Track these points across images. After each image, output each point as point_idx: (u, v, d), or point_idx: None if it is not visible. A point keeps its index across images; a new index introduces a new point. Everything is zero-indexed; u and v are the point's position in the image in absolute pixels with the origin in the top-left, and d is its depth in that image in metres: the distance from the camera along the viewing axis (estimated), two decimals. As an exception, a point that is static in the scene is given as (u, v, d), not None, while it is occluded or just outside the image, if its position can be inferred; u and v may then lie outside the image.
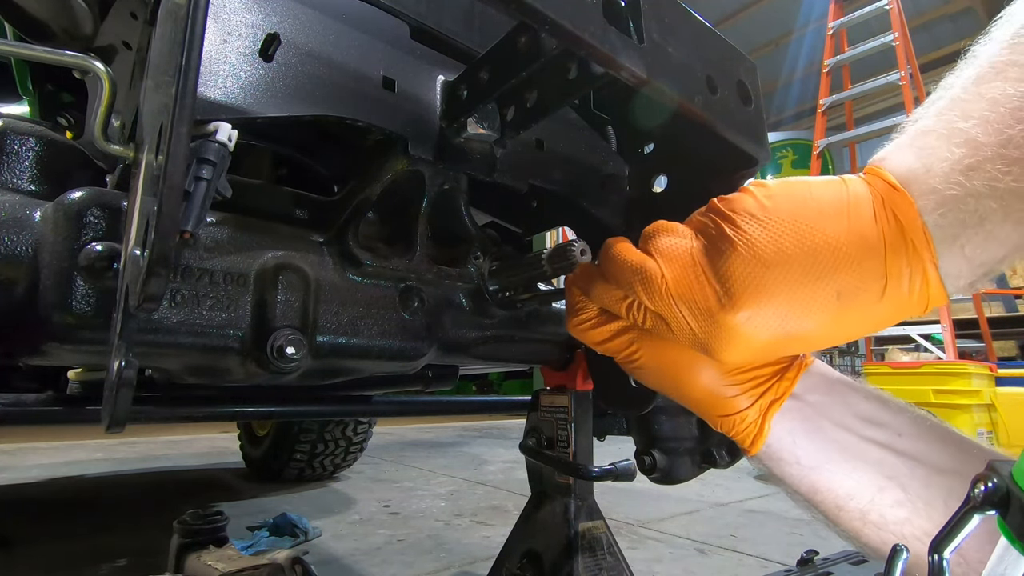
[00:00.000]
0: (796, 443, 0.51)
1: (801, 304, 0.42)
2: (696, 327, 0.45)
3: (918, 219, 0.41)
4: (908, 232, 0.41)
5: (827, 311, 0.43)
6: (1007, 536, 0.32)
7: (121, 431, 0.47)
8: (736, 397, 0.50)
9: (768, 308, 0.42)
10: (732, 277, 0.43)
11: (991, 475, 0.33)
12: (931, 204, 0.41)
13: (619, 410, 0.74)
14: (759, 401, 0.50)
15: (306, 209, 0.71)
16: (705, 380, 0.50)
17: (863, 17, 4.84)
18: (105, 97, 0.57)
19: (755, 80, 0.58)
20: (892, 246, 0.41)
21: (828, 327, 0.44)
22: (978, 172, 0.39)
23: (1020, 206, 0.39)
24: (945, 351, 3.79)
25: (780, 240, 0.42)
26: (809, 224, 0.42)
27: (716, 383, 0.50)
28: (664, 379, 0.52)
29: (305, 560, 1.04)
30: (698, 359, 0.50)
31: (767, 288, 0.42)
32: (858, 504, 0.48)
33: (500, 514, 2.41)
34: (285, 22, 0.59)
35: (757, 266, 0.42)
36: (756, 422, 0.50)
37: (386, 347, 0.70)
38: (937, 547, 0.35)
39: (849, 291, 0.42)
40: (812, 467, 0.50)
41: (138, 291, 0.41)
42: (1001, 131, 0.38)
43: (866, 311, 0.43)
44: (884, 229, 0.41)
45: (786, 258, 0.42)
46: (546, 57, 0.55)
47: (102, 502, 2.71)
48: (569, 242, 0.68)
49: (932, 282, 0.42)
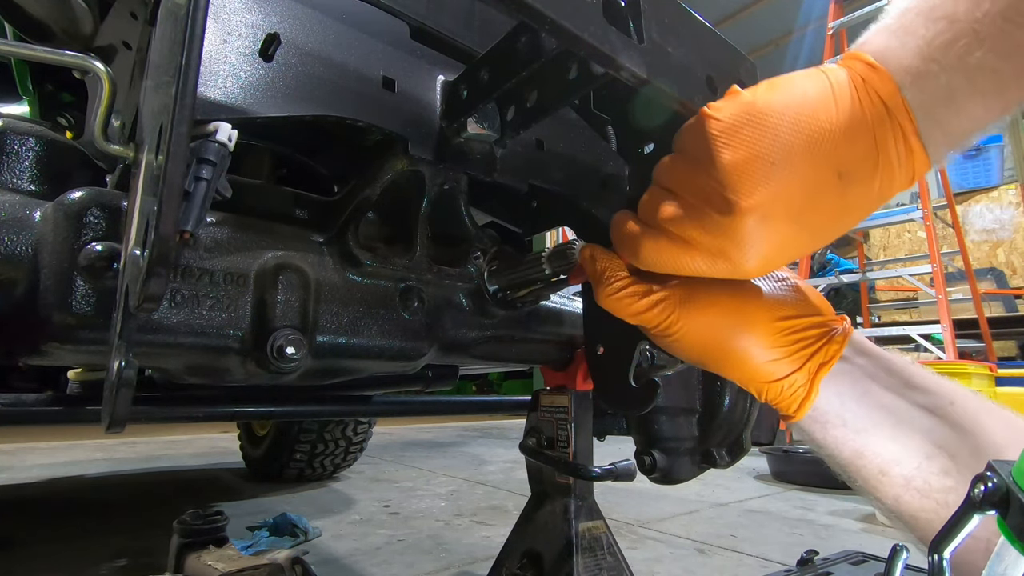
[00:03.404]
0: (844, 406, 0.50)
1: (806, 187, 0.43)
2: (709, 230, 0.45)
3: (897, 94, 0.42)
4: (890, 106, 0.42)
5: (831, 192, 0.43)
6: (1007, 536, 0.32)
7: (121, 431, 0.47)
8: (782, 361, 0.50)
9: (774, 195, 0.43)
10: (733, 171, 0.43)
11: (991, 475, 0.33)
12: (908, 80, 0.42)
13: (619, 410, 0.74)
14: (807, 364, 0.50)
15: (306, 209, 0.71)
16: (749, 346, 0.50)
17: (863, 17, 4.84)
18: (105, 97, 0.57)
19: (755, 80, 0.58)
20: (878, 121, 0.42)
21: (835, 210, 0.44)
22: (951, 48, 0.40)
23: (985, 83, 0.40)
24: (945, 351, 3.79)
25: (776, 129, 0.43)
26: (799, 110, 0.43)
27: (760, 349, 0.50)
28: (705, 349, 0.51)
29: (305, 560, 1.04)
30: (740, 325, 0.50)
31: (770, 176, 0.43)
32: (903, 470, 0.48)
33: (500, 514, 2.41)
34: (285, 22, 0.59)
35: (755, 157, 0.43)
36: (805, 386, 0.50)
37: (386, 347, 0.70)
38: (937, 547, 0.35)
39: (848, 169, 0.43)
40: (859, 430, 0.50)
41: (138, 291, 0.41)
42: (978, 5, 0.39)
43: (864, 189, 0.44)
44: (867, 106, 0.42)
45: (783, 145, 0.43)
46: (546, 57, 0.56)
47: (102, 502, 2.71)
48: (569, 242, 0.68)
49: (916, 151, 0.43)
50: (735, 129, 0.44)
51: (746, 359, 0.50)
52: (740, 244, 0.45)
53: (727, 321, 0.50)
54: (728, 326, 0.50)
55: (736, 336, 0.50)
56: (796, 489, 2.96)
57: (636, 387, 0.67)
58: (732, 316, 0.50)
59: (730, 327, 0.50)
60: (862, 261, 5.11)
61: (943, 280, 3.92)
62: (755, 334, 0.50)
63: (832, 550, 1.71)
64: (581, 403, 0.97)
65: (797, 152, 0.43)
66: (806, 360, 0.50)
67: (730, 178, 0.43)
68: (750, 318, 0.50)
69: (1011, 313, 5.84)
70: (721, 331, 0.50)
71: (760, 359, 0.50)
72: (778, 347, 0.50)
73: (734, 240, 0.44)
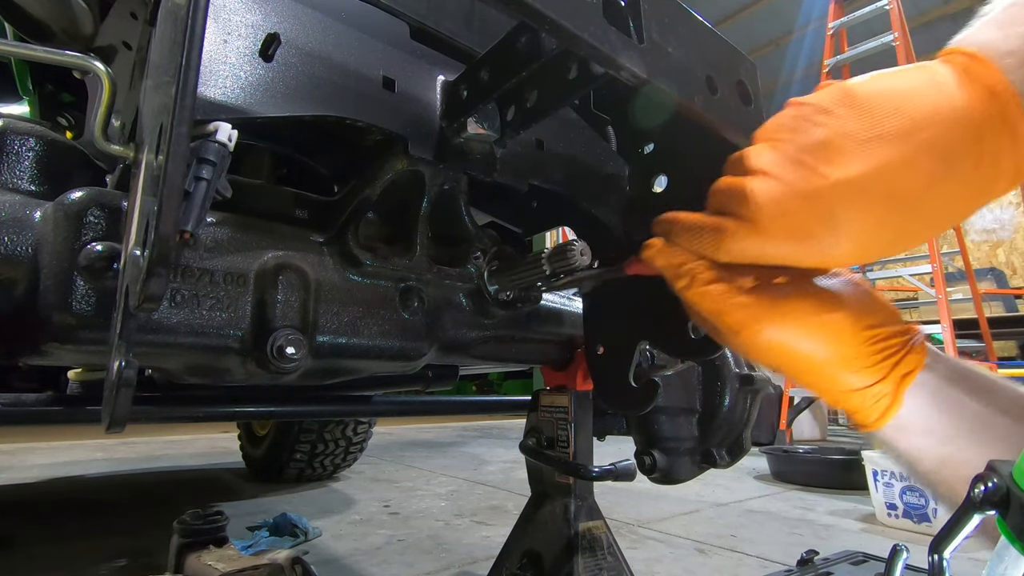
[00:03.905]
0: (927, 414, 0.48)
1: (903, 171, 0.41)
2: (803, 212, 0.43)
3: (1003, 79, 0.41)
4: (995, 92, 0.41)
5: (930, 179, 0.41)
6: (1007, 536, 0.32)
7: (121, 431, 0.47)
8: (867, 370, 0.48)
9: (866, 174, 0.41)
10: (824, 147, 0.42)
11: (991, 475, 0.33)
12: (1013, 64, 0.40)
13: (619, 410, 0.74)
14: (892, 373, 0.48)
15: (306, 209, 0.71)
16: (833, 355, 0.48)
17: (863, 17, 4.84)
18: (105, 97, 0.57)
19: (755, 80, 0.59)
20: (981, 108, 0.41)
21: (934, 199, 0.42)
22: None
23: None
24: (945, 351, 3.79)
25: (871, 110, 0.41)
26: (897, 93, 0.42)
27: (845, 358, 0.48)
28: (786, 356, 0.49)
29: (305, 560, 1.04)
30: (826, 332, 0.48)
31: (863, 153, 0.41)
32: None
33: (500, 514, 2.41)
34: (285, 22, 0.59)
35: (847, 134, 0.42)
36: (889, 396, 0.48)
37: (386, 347, 0.70)
38: (937, 547, 0.35)
39: (948, 155, 0.41)
40: (944, 439, 0.48)
41: (138, 291, 0.41)
42: None
43: (967, 179, 0.42)
44: (970, 93, 0.41)
45: (879, 125, 0.41)
46: (546, 57, 0.55)
47: (102, 502, 2.71)
48: (569, 242, 0.68)
49: (1023, 138, 0.41)
50: (827, 110, 0.43)
51: (829, 368, 0.48)
52: (830, 223, 0.42)
53: (812, 328, 0.48)
54: (813, 333, 0.48)
55: (821, 344, 0.48)
56: (796, 489, 2.96)
57: (636, 387, 0.67)
58: (818, 323, 0.48)
59: (815, 334, 0.48)
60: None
61: (943, 280, 3.92)
62: (841, 343, 0.48)
63: (832, 550, 1.71)
64: (581, 403, 0.97)
65: (894, 133, 0.41)
66: (891, 369, 0.48)
67: (821, 154, 0.42)
68: (836, 326, 0.48)
69: (1011, 313, 5.84)
70: (806, 338, 0.48)
71: (844, 369, 0.48)
72: (863, 356, 0.48)
73: (823, 219, 0.42)
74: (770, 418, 4.28)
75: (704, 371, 0.86)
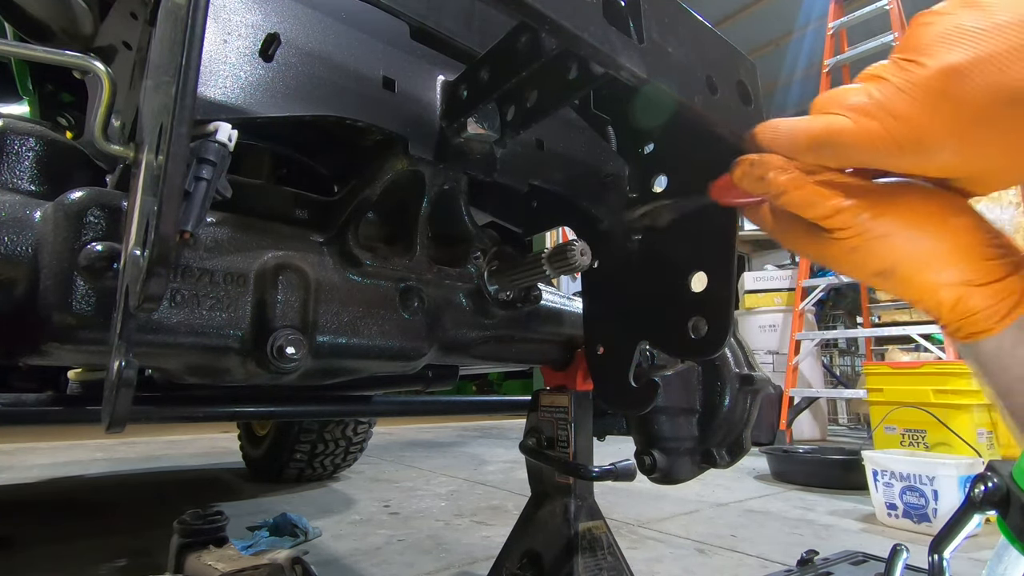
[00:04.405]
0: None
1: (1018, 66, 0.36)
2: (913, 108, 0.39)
3: None
4: None
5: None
6: (1007, 536, 0.32)
7: (121, 431, 0.47)
8: (993, 262, 0.44)
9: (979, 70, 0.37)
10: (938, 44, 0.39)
11: (991, 475, 0.33)
12: None
13: (619, 410, 0.74)
14: (1018, 274, 0.44)
15: (306, 209, 0.71)
16: (957, 246, 0.44)
17: (863, 17, 4.84)
18: (105, 97, 0.57)
19: (755, 80, 0.58)
20: None
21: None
22: None
23: None
24: (945, 351, 3.79)
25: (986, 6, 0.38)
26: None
27: (970, 247, 0.44)
28: (907, 250, 0.45)
29: (305, 560, 1.04)
30: (949, 223, 0.44)
31: (973, 43, 0.38)
32: None
33: (500, 514, 2.41)
34: (285, 22, 0.59)
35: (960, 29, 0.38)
36: (1019, 292, 0.44)
37: (386, 347, 0.70)
38: (937, 547, 0.35)
39: None
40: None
41: (138, 291, 0.41)
42: None
43: None
44: None
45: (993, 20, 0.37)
46: (546, 57, 0.55)
47: (102, 502, 2.71)
48: (569, 242, 0.69)
49: None
50: (941, 12, 0.40)
51: (954, 259, 0.44)
52: (929, 109, 0.39)
53: (937, 215, 0.44)
54: (939, 220, 0.44)
55: (945, 233, 0.44)
56: (796, 489, 2.96)
57: (636, 387, 0.67)
58: (942, 208, 0.45)
59: (941, 221, 0.44)
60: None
61: (943, 280, 3.91)
62: (969, 232, 0.44)
63: (832, 550, 1.71)
64: (581, 403, 0.97)
65: (1007, 22, 0.37)
66: (1017, 268, 0.44)
67: (930, 49, 0.39)
68: (962, 215, 0.45)
69: (1011, 313, 5.83)
70: (930, 227, 0.44)
71: (970, 260, 0.44)
72: (990, 248, 0.44)
73: (933, 116, 0.39)
74: (770, 418, 4.27)
75: (704, 371, 0.86)
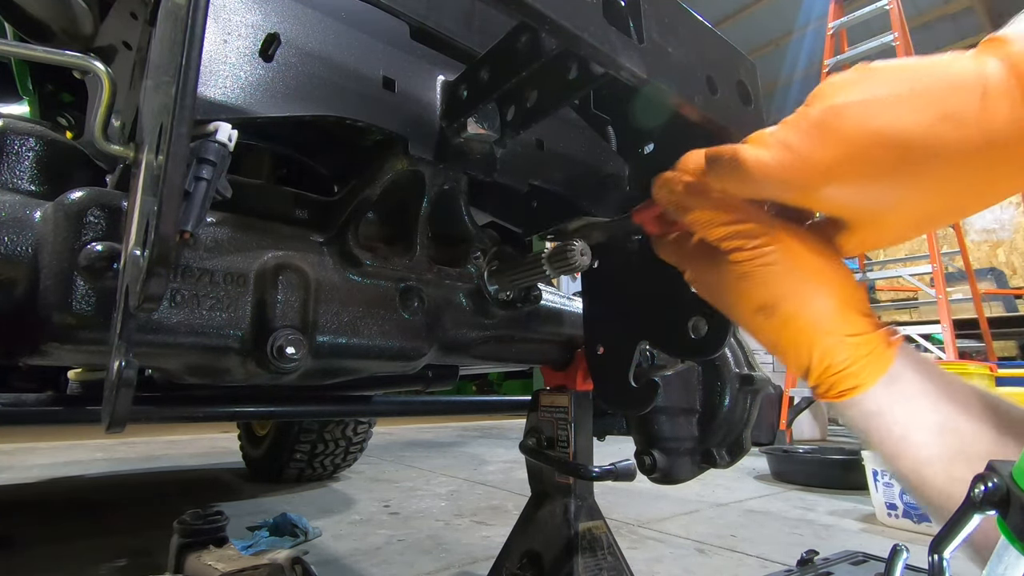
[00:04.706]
0: (918, 378, 0.47)
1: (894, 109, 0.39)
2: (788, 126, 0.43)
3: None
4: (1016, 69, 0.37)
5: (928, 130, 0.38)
6: (1007, 536, 0.32)
7: (121, 431, 0.47)
8: (863, 318, 0.47)
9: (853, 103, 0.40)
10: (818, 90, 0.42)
11: (991, 475, 0.33)
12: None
13: (619, 410, 0.74)
14: (883, 329, 0.47)
15: (306, 209, 0.71)
16: (834, 294, 0.47)
17: (863, 17, 4.84)
18: (105, 97, 0.57)
19: (755, 80, 0.59)
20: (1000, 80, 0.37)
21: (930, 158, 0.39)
22: None
23: None
24: (945, 351, 3.79)
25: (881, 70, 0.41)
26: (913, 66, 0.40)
27: (847, 299, 0.47)
28: (796, 282, 0.47)
29: (305, 560, 1.04)
30: (832, 269, 0.47)
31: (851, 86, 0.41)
32: (978, 448, 0.44)
33: (500, 514, 2.41)
34: (285, 22, 0.59)
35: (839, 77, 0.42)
36: (882, 348, 0.47)
37: (386, 347, 0.70)
38: (937, 547, 0.35)
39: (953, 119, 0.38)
40: (937, 400, 0.46)
41: (138, 291, 0.41)
42: None
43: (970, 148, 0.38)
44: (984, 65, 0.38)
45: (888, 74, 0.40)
46: (546, 57, 0.55)
47: (102, 502, 2.71)
48: (569, 242, 0.68)
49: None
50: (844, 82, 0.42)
51: (831, 303, 0.47)
52: (812, 141, 0.41)
53: (819, 258, 0.47)
54: (819, 263, 0.47)
55: (826, 279, 0.47)
56: (796, 489, 2.96)
57: (636, 387, 0.67)
58: (823, 255, 0.48)
59: (821, 264, 0.47)
60: (862, 261, 5.10)
61: (943, 280, 3.92)
62: (844, 282, 0.47)
63: (832, 550, 1.71)
64: (581, 403, 0.97)
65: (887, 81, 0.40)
66: (880, 326, 0.47)
67: (821, 92, 0.42)
68: (838, 266, 0.48)
69: (1011, 313, 5.84)
70: (811, 267, 0.47)
71: (844, 311, 0.47)
72: (861, 303, 0.48)
73: (808, 138, 0.41)
74: (770, 418, 4.27)
75: (704, 371, 0.86)
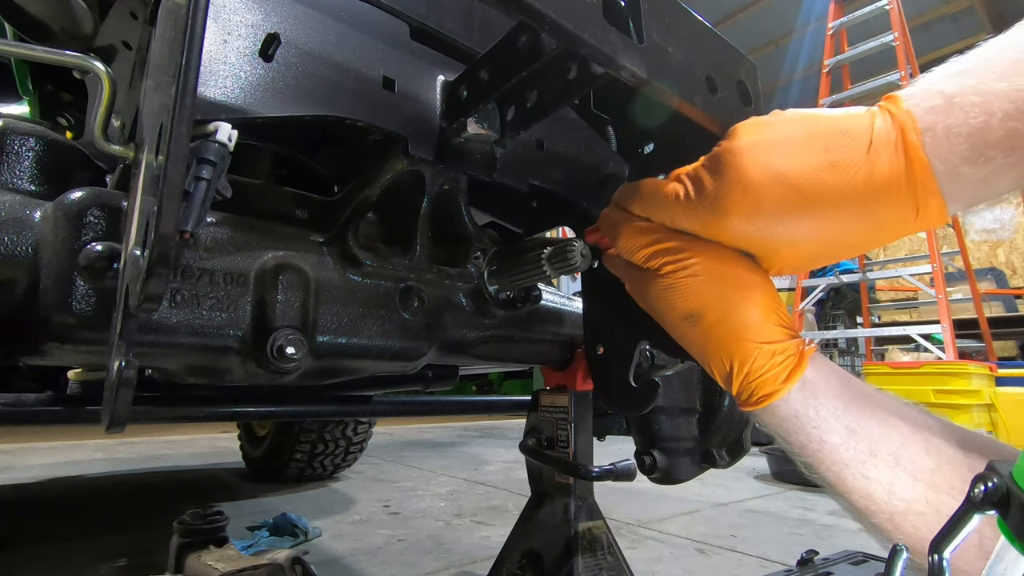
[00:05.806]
0: (829, 384, 0.50)
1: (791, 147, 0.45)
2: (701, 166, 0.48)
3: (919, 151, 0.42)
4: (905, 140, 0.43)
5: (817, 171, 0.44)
6: (1007, 536, 0.32)
7: (121, 431, 0.47)
8: (779, 328, 0.50)
9: (760, 142, 0.46)
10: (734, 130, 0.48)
11: (991, 475, 0.33)
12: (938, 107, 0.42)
13: (619, 410, 0.74)
14: (798, 339, 0.51)
15: (306, 209, 0.71)
16: (752, 303, 0.50)
17: (863, 17, 4.85)
18: (105, 97, 0.57)
19: (755, 80, 0.58)
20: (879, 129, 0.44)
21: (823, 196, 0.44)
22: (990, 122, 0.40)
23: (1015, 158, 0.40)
24: (945, 351, 3.79)
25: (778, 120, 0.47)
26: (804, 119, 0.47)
27: (762, 310, 0.50)
28: (712, 293, 0.51)
29: (305, 560, 1.04)
30: (749, 279, 0.50)
31: (761, 130, 0.47)
32: (890, 447, 0.47)
33: (500, 514, 2.41)
34: (285, 22, 0.59)
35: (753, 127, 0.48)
36: (796, 355, 0.49)
37: (386, 347, 0.70)
38: (937, 547, 0.35)
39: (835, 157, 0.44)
40: (848, 403, 0.49)
41: (138, 291, 0.41)
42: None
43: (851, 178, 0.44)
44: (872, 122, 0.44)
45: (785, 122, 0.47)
46: (546, 57, 0.55)
47: (102, 502, 2.71)
48: (569, 242, 0.68)
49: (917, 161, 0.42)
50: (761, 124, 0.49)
51: (749, 313, 0.50)
52: (718, 177, 0.46)
53: (738, 271, 0.51)
54: (739, 275, 0.50)
55: (747, 291, 0.50)
56: (796, 489, 2.96)
57: (636, 387, 0.67)
58: (742, 268, 0.51)
59: (740, 277, 0.50)
60: (862, 261, 5.11)
61: (943, 280, 3.92)
62: (762, 294, 0.50)
63: (832, 550, 1.71)
64: (581, 403, 0.97)
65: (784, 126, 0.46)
66: (795, 336, 0.51)
67: (733, 132, 0.48)
68: (758, 279, 0.51)
69: (1011, 313, 5.84)
70: (731, 279, 0.50)
71: (760, 319, 0.50)
72: (780, 315, 0.51)
73: (714, 174, 0.47)
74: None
75: (704, 371, 0.86)
